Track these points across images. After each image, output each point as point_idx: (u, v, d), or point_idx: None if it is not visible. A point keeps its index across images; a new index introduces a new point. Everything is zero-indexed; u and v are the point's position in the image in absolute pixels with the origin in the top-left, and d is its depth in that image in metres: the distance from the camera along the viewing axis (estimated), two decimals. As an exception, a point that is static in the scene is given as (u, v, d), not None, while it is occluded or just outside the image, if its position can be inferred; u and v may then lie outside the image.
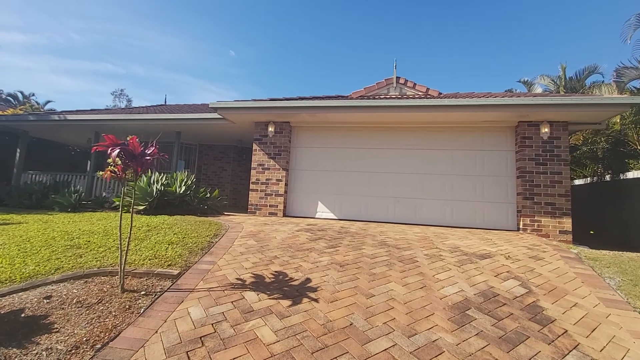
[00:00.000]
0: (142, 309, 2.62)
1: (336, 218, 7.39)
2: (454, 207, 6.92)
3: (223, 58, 59.02)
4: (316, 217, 7.50)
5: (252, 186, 7.69)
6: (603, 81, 11.32)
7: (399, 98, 7.62)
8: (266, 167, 7.67)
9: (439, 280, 3.28)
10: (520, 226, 6.40)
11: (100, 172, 3.48)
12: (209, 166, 12.18)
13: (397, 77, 8.66)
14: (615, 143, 8.79)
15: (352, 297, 2.86)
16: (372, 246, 4.46)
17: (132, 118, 9.18)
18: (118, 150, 2.79)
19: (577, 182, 10.20)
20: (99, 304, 2.67)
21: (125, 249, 3.01)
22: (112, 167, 3.04)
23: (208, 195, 7.81)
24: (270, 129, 7.65)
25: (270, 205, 7.50)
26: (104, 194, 9.53)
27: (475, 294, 3.00)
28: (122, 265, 2.91)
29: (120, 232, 3.03)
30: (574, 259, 4.23)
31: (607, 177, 8.89)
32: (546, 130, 6.37)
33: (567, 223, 6.13)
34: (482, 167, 6.91)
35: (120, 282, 2.90)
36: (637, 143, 8.31)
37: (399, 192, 7.22)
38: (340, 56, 57.17)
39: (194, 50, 56.36)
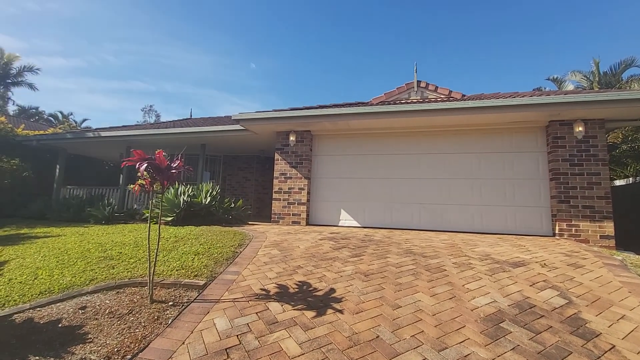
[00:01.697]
0: (170, 320, 2.67)
1: (359, 226, 7.29)
2: (483, 213, 6.64)
3: (244, 72, 60.93)
4: (339, 225, 7.44)
5: (274, 195, 7.76)
6: (642, 74, 10.62)
7: (421, 102, 7.48)
8: (288, 176, 7.73)
9: (470, 291, 3.13)
10: (556, 231, 6.04)
11: (131, 185, 3.63)
12: (233, 176, 12.45)
13: (417, 80, 8.53)
14: (659, 140, 8.17)
15: (378, 308, 2.78)
16: (397, 254, 4.35)
17: (160, 132, 9.58)
18: (146, 164, 2.89)
19: (618, 182, 9.53)
20: (130, 315, 2.75)
21: (154, 260, 3.09)
22: (140, 181, 3.17)
23: (232, 205, 7.95)
24: (292, 138, 7.72)
25: (293, 214, 7.52)
26: (135, 206, 9.94)
27: (509, 305, 2.84)
28: (151, 277, 2.99)
29: (149, 244, 3.12)
30: (618, 266, 3.92)
31: (652, 177, 8.25)
32: (580, 129, 6.02)
33: (608, 227, 5.72)
34: (512, 170, 6.61)
35: (149, 293, 2.98)
36: (684, 139, 7.68)
37: (424, 198, 7.03)
38: (359, 64, 57.35)
39: (218, 65, 58.69)
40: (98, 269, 3.81)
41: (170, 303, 2.96)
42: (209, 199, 7.46)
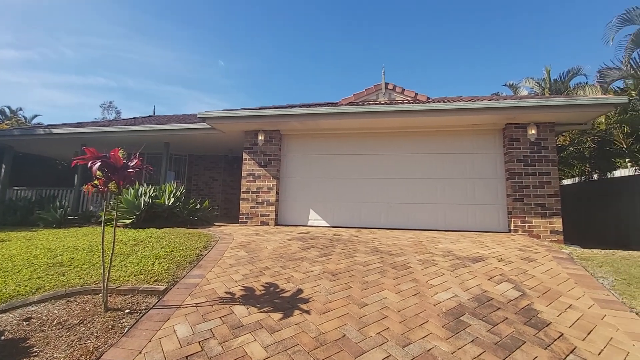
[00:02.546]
0: (126, 329, 2.51)
1: (329, 225, 7.32)
2: (446, 211, 6.92)
3: (213, 69, 59.01)
4: (308, 225, 7.42)
5: (242, 195, 7.59)
6: (587, 82, 11.55)
7: (388, 104, 7.65)
8: (257, 176, 7.60)
9: (433, 286, 3.23)
10: (512, 227, 6.41)
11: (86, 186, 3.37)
12: (199, 176, 12.04)
13: (385, 82, 8.72)
14: (601, 142, 8.93)
15: (345, 307, 2.79)
16: (365, 253, 4.40)
17: (119, 130, 9.05)
18: (99, 163, 2.70)
19: (566, 182, 10.33)
20: (81, 325, 2.55)
21: (109, 265, 2.89)
22: (95, 181, 2.96)
23: (198, 206, 7.68)
24: (260, 137, 7.60)
25: (262, 215, 7.40)
26: (91, 208, 9.32)
27: (469, 299, 2.96)
28: (105, 283, 2.80)
29: (102, 248, 2.91)
30: (566, 259, 4.23)
31: (595, 177, 9.01)
32: (533, 131, 6.44)
33: (557, 223, 6.16)
34: (473, 170, 6.94)
35: (103, 300, 2.79)
36: (622, 142, 8.45)
37: (391, 198, 7.20)
38: (330, 67, 57.63)
39: (185, 61, 56.26)
40: (46, 276, 3.51)
41: (127, 310, 2.78)
42: (172, 199, 7.15)
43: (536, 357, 2.14)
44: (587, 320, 2.64)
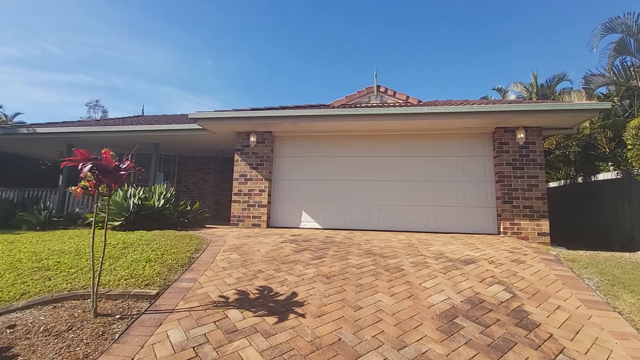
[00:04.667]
0: (117, 335, 2.45)
1: (321, 227, 7.32)
2: (437, 213, 7.00)
3: (204, 70, 58.31)
4: (301, 227, 7.40)
5: (234, 197, 7.52)
6: (572, 88, 11.87)
7: (380, 106, 7.70)
8: (248, 177, 7.54)
9: (426, 289, 3.26)
10: (501, 230, 6.53)
11: (72, 188, 3.28)
12: (189, 178, 11.88)
13: (377, 85, 8.77)
14: (586, 147, 9.19)
15: (340, 311, 2.79)
16: (358, 256, 4.41)
17: (107, 130, 8.86)
18: (90, 165, 2.64)
19: (552, 184, 10.58)
20: (69, 331, 2.49)
21: (99, 269, 2.83)
22: (83, 183, 2.89)
23: (188, 208, 7.58)
24: (252, 139, 7.55)
25: (254, 217, 7.35)
26: (77, 210, 9.08)
27: (462, 301, 3.00)
28: (95, 287, 2.73)
29: (92, 252, 2.84)
30: (553, 260, 4.33)
31: (580, 179, 9.26)
32: (522, 135, 6.58)
33: (544, 225, 6.30)
34: (463, 173, 7.05)
35: (92, 305, 2.72)
36: (605, 146, 8.71)
37: (383, 200, 7.24)
38: (321, 71, 57.62)
39: (175, 61, 55.17)
40: (31, 281, 3.40)
41: (118, 316, 2.72)
42: (162, 201, 7.03)
43: (527, 357, 2.19)
44: (575, 320, 2.71)
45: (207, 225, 7.58)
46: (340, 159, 7.57)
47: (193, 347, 2.26)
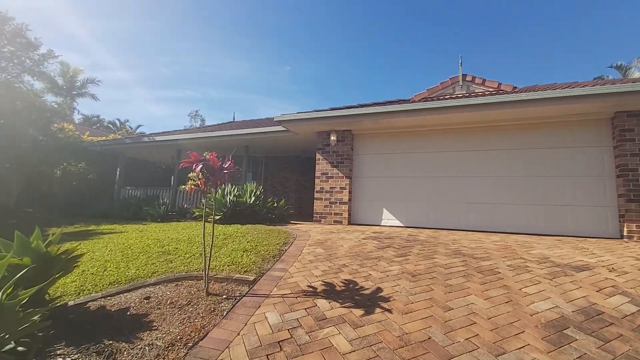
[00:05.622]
0: (225, 312, 2.82)
1: (402, 225, 7.15)
2: (539, 213, 6.20)
3: (283, 76, 62.53)
4: (381, 224, 7.35)
5: (316, 195, 7.85)
6: None
7: (466, 96, 7.15)
8: (329, 175, 7.78)
9: (528, 295, 2.95)
10: (624, 233, 5.47)
11: (183, 186, 3.88)
12: (274, 177, 12.79)
13: (463, 74, 8.18)
14: None
15: (428, 310, 2.71)
16: (445, 255, 4.20)
17: (207, 135, 10.13)
18: (201, 165, 3.09)
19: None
20: (189, 306, 2.95)
21: (209, 256, 3.28)
22: (194, 181, 3.38)
23: (275, 204, 8.18)
24: (332, 137, 7.77)
25: (335, 214, 7.56)
26: (185, 206, 10.59)
27: (573, 311, 2.63)
28: (207, 271, 3.18)
29: (204, 241, 3.32)
30: None
31: None
32: (654, 119, 5.40)
33: (691, 229, 5.07)
34: (573, 167, 6.10)
35: (205, 286, 3.17)
36: None
37: (472, 197, 6.72)
38: (402, 63, 55.91)
39: (258, 71, 60.90)
40: (158, 262, 4.12)
41: (224, 296, 3.12)
42: (253, 198, 7.74)
43: (669, 385, 1.82)
44: None
45: (292, 222, 8.07)
46: (423, 154, 7.27)
47: (288, 329, 2.47)
